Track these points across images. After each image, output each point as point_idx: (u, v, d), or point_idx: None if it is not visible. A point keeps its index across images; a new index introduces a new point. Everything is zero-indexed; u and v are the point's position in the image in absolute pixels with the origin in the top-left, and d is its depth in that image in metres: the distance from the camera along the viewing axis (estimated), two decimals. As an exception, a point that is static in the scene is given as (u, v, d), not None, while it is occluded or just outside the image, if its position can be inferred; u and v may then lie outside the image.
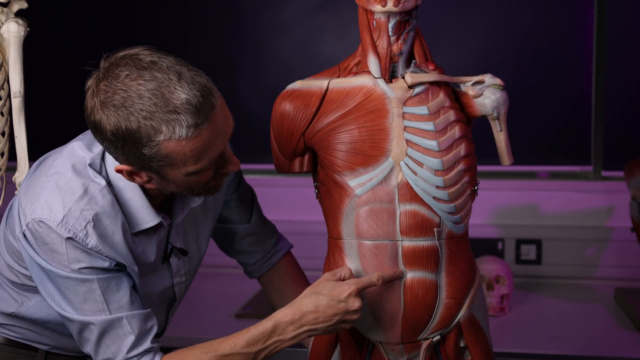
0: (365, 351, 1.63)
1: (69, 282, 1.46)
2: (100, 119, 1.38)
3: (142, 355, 1.49)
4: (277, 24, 3.19)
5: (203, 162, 1.42)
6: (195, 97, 1.35)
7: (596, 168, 3.06)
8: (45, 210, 1.45)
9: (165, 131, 1.35)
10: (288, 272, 1.90)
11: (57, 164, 1.51)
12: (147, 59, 1.37)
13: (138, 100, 1.34)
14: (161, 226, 1.57)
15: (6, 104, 1.97)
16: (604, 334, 2.40)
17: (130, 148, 1.38)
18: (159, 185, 1.48)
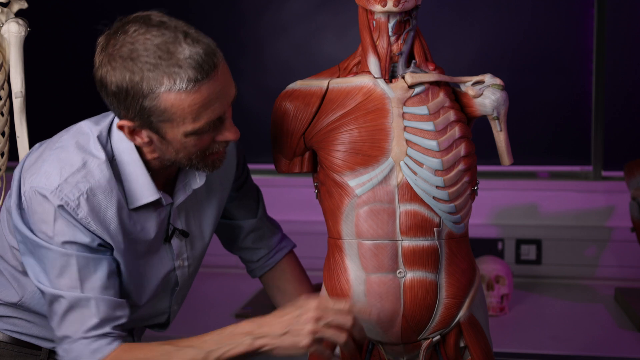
0: (365, 351, 1.63)
1: (49, 254, 1.48)
2: (106, 72, 1.42)
3: (99, 337, 1.49)
4: (277, 24, 3.19)
5: (201, 122, 1.43)
6: (198, 54, 1.39)
7: (596, 168, 3.06)
8: (42, 179, 1.49)
9: (166, 83, 1.39)
10: (291, 271, 1.90)
11: (63, 139, 1.56)
12: (157, 19, 1.43)
13: (144, 52, 1.39)
14: (161, 205, 1.59)
15: (6, 104, 1.98)
16: (604, 334, 2.40)
17: (132, 100, 1.41)
18: (158, 148, 1.50)
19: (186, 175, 1.62)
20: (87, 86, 3.46)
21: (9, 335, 1.69)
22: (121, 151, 1.53)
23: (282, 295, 1.89)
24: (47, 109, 2.87)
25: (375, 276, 1.54)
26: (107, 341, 1.48)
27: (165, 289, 1.70)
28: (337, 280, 1.58)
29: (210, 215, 1.72)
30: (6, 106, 1.98)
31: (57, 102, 3.23)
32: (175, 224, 1.64)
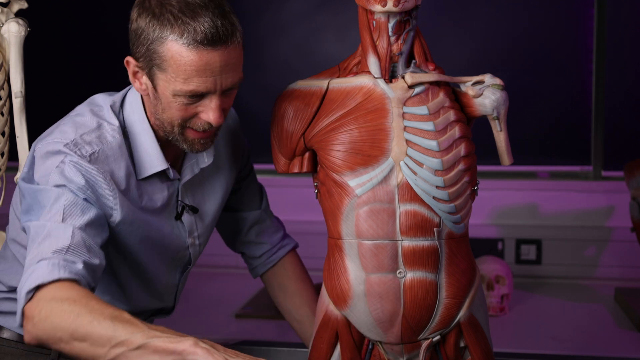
0: (365, 351, 1.63)
1: (43, 194, 1.49)
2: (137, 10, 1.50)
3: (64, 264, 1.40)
4: (277, 24, 3.19)
5: (189, 86, 1.48)
6: (215, 24, 1.45)
7: (596, 168, 3.06)
8: (57, 136, 1.54)
9: (177, 32, 1.45)
10: (293, 269, 1.91)
11: (78, 109, 1.63)
12: None
13: (175, 2, 1.47)
14: (169, 178, 1.63)
15: (6, 104, 1.98)
16: (604, 334, 2.40)
17: (144, 39, 1.48)
18: (152, 101, 1.55)
19: (195, 154, 1.67)
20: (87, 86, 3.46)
21: (19, 333, 1.69)
22: (133, 122, 1.60)
23: (284, 293, 1.89)
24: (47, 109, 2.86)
25: (375, 276, 1.54)
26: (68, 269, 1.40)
27: (178, 267, 1.74)
28: (337, 280, 1.58)
29: (217, 195, 1.76)
30: (6, 106, 1.98)
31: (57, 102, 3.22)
32: (184, 201, 1.68)
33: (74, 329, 1.33)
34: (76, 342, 1.34)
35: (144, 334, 1.31)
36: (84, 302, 1.35)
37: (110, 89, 1.76)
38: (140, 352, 1.31)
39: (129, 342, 1.31)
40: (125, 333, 1.31)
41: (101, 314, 1.34)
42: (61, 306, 1.35)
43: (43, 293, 1.37)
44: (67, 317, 1.34)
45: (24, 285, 1.39)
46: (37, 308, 1.37)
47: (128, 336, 1.31)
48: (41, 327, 1.36)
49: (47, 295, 1.37)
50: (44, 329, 1.36)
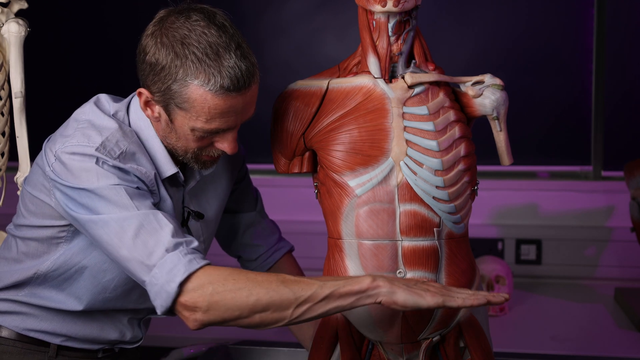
0: (365, 351, 1.63)
1: (99, 193, 1.48)
2: (154, 43, 1.48)
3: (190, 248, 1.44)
4: (277, 24, 3.19)
5: (212, 126, 1.50)
6: (240, 69, 1.46)
7: (596, 168, 3.06)
8: (83, 140, 1.52)
9: (202, 78, 1.45)
10: (290, 271, 1.91)
11: (87, 110, 1.60)
12: (220, 20, 1.49)
13: (195, 44, 1.46)
14: (177, 184, 1.64)
15: (6, 104, 1.98)
16: (604, 334, 2.40)
17: (164, 77, 1.48)
18: (162, 128, 1.56)
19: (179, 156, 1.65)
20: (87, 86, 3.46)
21: (16, 332, 1.69)
22: (140, 128, 1.60)
23: None
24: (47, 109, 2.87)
25: (379, 274, 1.54)
26: (200, 255, 1.44)
27: None
28: (337, 280, 1.58)
29: (219, 199, 1.77)
30: (6, 106, 1.98)
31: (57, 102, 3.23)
32: (190, 206, 1.69)
33: (254, 303, 1.39)
34: (257, 314, 1.40)
35: (321, 286, 1.39)
36: (242, 278, 1.40)
37: (110, 88, 1.76)
38: (324, 302, 1.39)
39: (313, 297, 1.38)
40: (303, 291, 1.39)
41: (269, 282, 1.40)
42: (226, 288, 1.39)
43: (196, 282, 1.41)
44: (241, 296, 1.39)
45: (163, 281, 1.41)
46: (200, 297, 1.40)
47: (309, 292, 1.38)
48: (215, 313, 1.40)
49: (201, 283, 1.40)
50: (219, 314, 1.40)
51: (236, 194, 1.85)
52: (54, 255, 1.63)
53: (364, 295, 1.39)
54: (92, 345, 1.72)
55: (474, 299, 1.38)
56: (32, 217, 1.63)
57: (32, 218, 1.63)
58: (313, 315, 1.40)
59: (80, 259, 1.62)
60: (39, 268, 1.64)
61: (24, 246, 1.66)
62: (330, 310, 1.40)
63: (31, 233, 1.65)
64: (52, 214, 1.59)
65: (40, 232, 1.63)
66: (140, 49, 1.52)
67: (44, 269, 1.64)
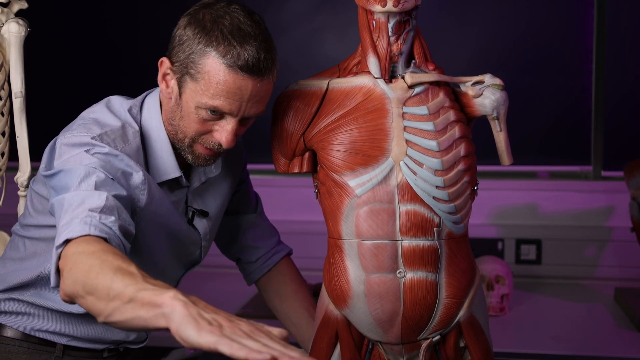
0: (365, 351, 1.63)
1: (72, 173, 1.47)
2: (189, 19, 1.53)
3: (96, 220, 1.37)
4: (277, 24, 3.19)
5: (215, 103, 1.50)
6: (259, 55, 1.49)
7: (596, 168, 3.06)
8: (82, 131, 1.54)
9: (221, 51, 1.48)
10: (289, 274, 1.91)
11: (96, 109, 1.62)
12: (257, 17, 1.54)
13: (226, 23, 1.50)
14: (180, 185, 1.65)
15: (6, 104, 1.98)
16: (604, 334, 2.40)
17: (187, 47, 1.51)
18: (171, 107, 1.57)
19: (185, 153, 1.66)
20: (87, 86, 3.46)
21: (22, 332, 1.70)
22: (150, 127, 1.61)
23: (280, 298, 1.89)
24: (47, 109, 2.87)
25: (375, 276, 1.54)
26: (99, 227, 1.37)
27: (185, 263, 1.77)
28: (337, 280, 1.58)
29: (222, 199, 1.78)
30: (6, 106, 1.98)
31: (57, 102, 3.23)
32: (193, 205, 1.70)
33: (85, 282, 1.27)
34: (88, 296, 1.27)
35: (136, 286, 1.23)
36: (99, 255, 1.30)
37: (110, 88, 1.76)
38: (131, 306, 1.22)
39: (122, 295, 1.23)
40: (121, 285, 1.23)
41: (108, 265, 1.27)
42: (81, 259, 1.30)
43: (69, 247, 1.34)
44: (82, 269, 1.29)
45: (56, 242, 1.37)
46: (64, 263, 1.33)
47: (122, 289, 1.23)
48: (66, 282, 1.31)
49: (72, 249, 1.34)
50: (68, 283, 1.31)
51: (237, 195, 1.86)
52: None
53: (159, 313, 1.18)
54: (97, 345, 1.72)
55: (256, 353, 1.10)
56: (39, 216, 1.64)
57: (40, 217, 1.64)
58: (120, 318, 1.23)
59: None
60: (42, 269, 1.65)
61: (30, 246, 1.67)
62: (134, 319, 1.22)
63: (39, 233, 1.65)
64: None
65: (47, 231, 1.63)
66: (176, 27, 1.56)
67: (47, 270, 1.64)
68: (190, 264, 1.79)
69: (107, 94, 1.68)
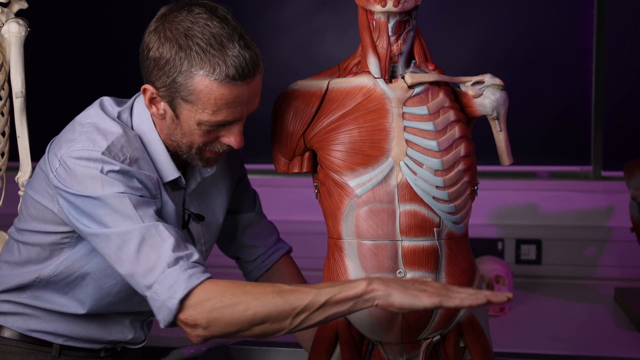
0: (365, 351, 1.63)
1: (103, 202, 1.47)
2: (157, 37, 1.49)
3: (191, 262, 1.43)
4: (277, 24, 3.19)
5: (218, 117, 1.49)
6: (244, 57, 1.47)
7: (596, 168, 3.06)
8: (88, 144, 1.52)
9: (207, 68, 1.46)
10: (289, 272, 1.90)
11: (91, 114, 1.60)
12: (222, 13, 1.50)
13: (199, 35, 1.46)
14: (178, 187, 1.63)
15: (6, 104, 1.98)
16: (604, 334, 2.40)
17: (168, 70, 1.48)
18: (167, 126, 1.55)
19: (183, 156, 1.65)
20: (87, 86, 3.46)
21: (19, 332, 1.69)
22: (143, 131, 1.59)
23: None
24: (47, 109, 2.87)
25: (375, 276, 1.54)
26: (201, 269, 1.44)
27: None
28: (337, 280, 1.58)
29: (220, 200, 1.77)
30: (6, 106, 1.98)
31: (57, 102, 3.23)
32: (190, 209, 1.68)
33: (252, 317, 1.39)
34: (256, 326, 1.40)
35: (317, 294, 1.38)
36: (239, 292, 1.40)
37: (110, 89, 1.76)
38: (322, 310, 1.39)
39: (310, 306, 1.38)
40: (299, 301, 1.38)
41: (265, 294, 1.40)
42: (223, 303, 1.40)
43: (195, 299, 1.41)
44: (238, 311, 1.39)
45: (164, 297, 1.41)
46: (199, 315, 1.40)
47: (305, 302, 1.38)
48: (215, 330, 1.41)
49: (199, 300, 1.41)
50: (219, 329, 1.41)
51: (235, 194, 1.85)
52: (56, 261, 1.62)
53: (360, 300, 1.38)
54: (94, 345, 1.72)
55: (473, 298, 1.37)
56: (34, 222, 1.63)
57: (35, 223, 1.63)
58: (312, 322, 1.40)
59: (83, 265, 1.62)
60: (41, 273, 1.64)
61: (25, 251, 1.66)
62: (329, 317, 1.40)
63: (34, 238, 1.64)
64: (55, 220, 1.59)
65: (43, 237, 1.62)
66: (143, 47, 1.52)
67: (46, 274, 1.64)
68: None
69: (107, 94, 1.67)
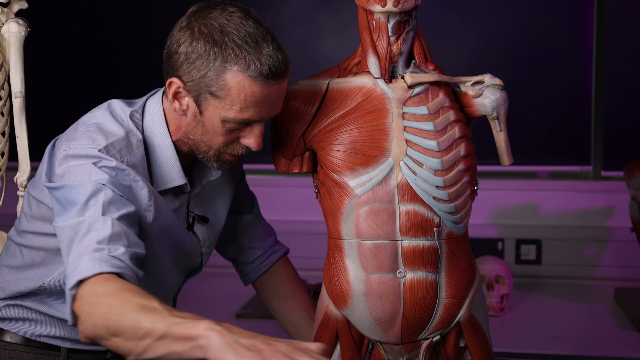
0: (365, 351, 1.63)
1: (80, 188, 1.44)
2: (191, 33, 1.48)
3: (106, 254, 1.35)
4: (277, 24, 3.19)
5: (244, 115, 1.49)
6: (278, 58, 1.48)
7: (596, 168, 3.06)
8: (87, 142, 1.50)
9: (242, 64, 1.45)
10: (287, 273, 1.91)
11: (98, 114, 1.58)
12: (255, 15, 1.52)
13: (234, 32, 1.46)
14: (182, 191, 1.63)
15: (6, 104, 1.98)
16: (604, 334, 2.40)
17: (201, 64, 1.47)
18: (187, 123, 1.54)
19: (202, 167, 1.66)
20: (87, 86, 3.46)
21: (25, 337, 1.68)
22: (153, 134, 1.58)
23: (278, 298, 1.89)
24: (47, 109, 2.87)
25: (375, 276, 1.54)
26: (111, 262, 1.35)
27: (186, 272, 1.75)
28: (337, 280, 1.58)
29: (223, 202, 1.76)
30: (6, 106, 1.98)
31: (57, 102, 3.23)
32: (194, 211, 1.68)
33: (108, 324, 1.28)
34: (114, 337, 1.28)
35: (165, 322, 1.24)
36: (117, 294, 1.30)
37: (111, 88, 1.76)
38: (163, 342, 1.23)
39: (152, 333, 1.24)
40: (148, 323, 1.25)
41: (130, 305, 1.27)
42: (98, 301, 1.30)
43: (84, 289, 1.33)
44: (102, 312, 1.29)
45: (68, 283, 1.35)
46: (80, 306, 1.32)
47: (151, 326, 1.24)
48: (86, 326, 1.31)
49: (87, 291, 1.32)
50: (88, 327, 1.31)
51: (235, 195, 1.85)
52: (60, 267, 1.61)
53: (194, 345, 1.21)
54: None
55: None
56: (37, 223, 1.62)
57: (38, 223, 1.61)
58: (155, 354, 1.24)
59: None
60: (45, 281, 1.63)
61: (28, 255, 1.64)
62: (168, 354, 1.23)
63: (37, 241, 1.63)
64: None
65: (45, 240, 1.61)
66: (172, 42, 1.50)
67: (50, 282, 1.62)
68: (191, 271, 1.77)
69: (107, 93, 1.67)
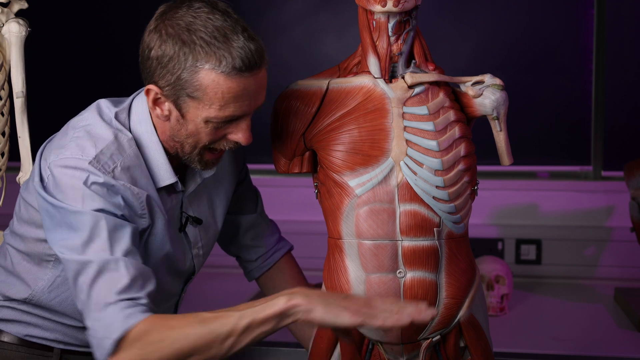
0: (365, 351, 1.63)
1: (80, 218, 1.45)
2: (159, 35, 1.46)
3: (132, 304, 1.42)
4: (277, 24, 3.19)
5: (226, 112, 1.47)
6: (249, 48, 1.44)
7: (596, 168, 3.06)
8: (77, 152, 1.50)
9: (213, 61, 1.43)
10: (290, 271, 1.91)
11: (86, 117, 1.57)
12: (222, 7, 1.48)
13: (202, 29, 1.43)
14: (175, 190, 1.61)
15: (6, 104, 1.98)
16: (604, 334, 2.40)
17: (172, 67, 1.45)
18: (171, 127, 1.53)
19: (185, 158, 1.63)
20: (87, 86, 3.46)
21: (19, 337, 1.68)
22: (140, 133, 1.56)
23: None
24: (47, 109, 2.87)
25: (375, 276, 1.54)
26: (140, 309, 1.41)
27: (182, 277, 1.73)
28: (337, 280, 1.58)
29: (220, 203, 1.75)
30: (7, 106, 1.98)
31: (58, 102, 3.23)
32: (188, 212, 1.67)
33: (178, 352, 1.37)
34: (187, 358, 1.38)
35: (239, 316, 1.36)
36: (163, 329, 1.38)
37: (111, 88, 1.76)
38: (247, 333, 1.36)
39: (233, 331, 1.36)
40: (222, 327, 1.36)
41: (187, 326, 1.38)
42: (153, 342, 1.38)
43: (127, 341, 1.39)
44: (163, 347, 1.37)
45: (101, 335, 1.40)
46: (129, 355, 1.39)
47: (228, 327, 1.36)
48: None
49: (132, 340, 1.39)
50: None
51: (237, 195, 1.84)
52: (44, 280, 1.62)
53: (283, 316, 1.36)
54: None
55: (396, 319, 1.35)
56: (25, 226, 1.62)
57: (26, 227, 1.61)
58: (241, 345, 1.38)
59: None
60: (32, 290, 1.63)
61: (17, 263, 1.65)
62: (256, 337, 1.38)
63: (24, 246, 1.63)
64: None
65: (30, 246, 1.61)
66: (143, 47, 1.49)
67: (37, 290, 1.63)
68: (187, 276, 1.75)
69: (108, 93, 1.67)
